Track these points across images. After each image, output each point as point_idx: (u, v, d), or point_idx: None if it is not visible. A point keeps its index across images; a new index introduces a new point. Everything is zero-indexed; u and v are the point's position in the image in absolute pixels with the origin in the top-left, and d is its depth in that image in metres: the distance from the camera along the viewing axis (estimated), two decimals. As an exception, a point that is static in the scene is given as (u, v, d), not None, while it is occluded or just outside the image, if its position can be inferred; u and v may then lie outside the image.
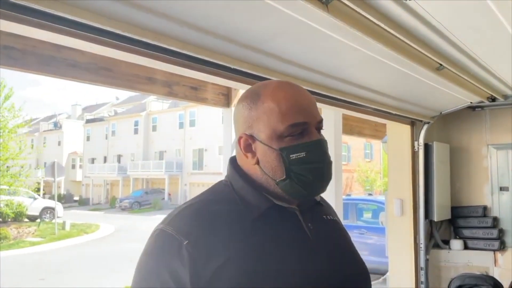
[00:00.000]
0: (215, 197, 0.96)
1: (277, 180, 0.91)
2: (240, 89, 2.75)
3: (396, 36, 1.70)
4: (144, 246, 0.91)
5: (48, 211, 20.29)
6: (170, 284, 0.83)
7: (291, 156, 0.89)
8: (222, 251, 0.84)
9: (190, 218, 0.90)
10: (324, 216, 1.03)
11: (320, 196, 1.05)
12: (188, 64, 1.62)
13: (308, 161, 0.90)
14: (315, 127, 0.93)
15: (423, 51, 1.90)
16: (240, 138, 0.95)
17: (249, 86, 1.02)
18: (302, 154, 0.89)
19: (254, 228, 0.89)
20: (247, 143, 0.94)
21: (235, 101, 3.69)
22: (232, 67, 1.70)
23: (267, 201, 0.92)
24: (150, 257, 0.88)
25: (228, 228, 0.88)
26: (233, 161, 1.00)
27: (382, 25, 1.58)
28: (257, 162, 0.93)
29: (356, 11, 1.46)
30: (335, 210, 1.14)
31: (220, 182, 1.00)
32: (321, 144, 0.92)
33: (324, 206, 1.06)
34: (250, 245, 0.86)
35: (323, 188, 0.93)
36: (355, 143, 28.01)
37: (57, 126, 42.12)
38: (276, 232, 0.90)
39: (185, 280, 0.83)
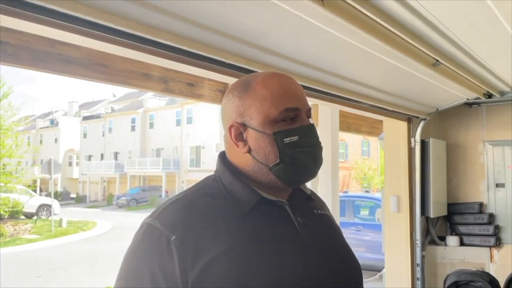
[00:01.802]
0: (203, 192, 0.94)
1: (270, 166, 0.91)
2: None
3: (392, 31, 1.70)
4: (131, 241, 0.90)
5: (45, 208, 20.24)
6: (160, 281, 0.82)
7: (284, 140, 0.90)
8: (210, 247, 0.83)
9: (178, 212, 0.88)
10: (315, 211, 1.02)
11: (310, 190, 1.04)
12: (183, 59, 1.61)
13: (301, 145, 0.91)
14: (306, 115, 0.95)
15: (419, 47, 1.89)
16: (231, 127, 0.94)
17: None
18: (295, 138, 0.91)
19: (243, 224, 0.88)
20: (238, 131, 0.94)
21: (231, 97, 3.67)
22: (227, 62, 1.69)
23: (255, 196, 0.91)
24: (138, 252, 0.87)
25: (217, 224, 0.87)
26: (222, 156, 1.00)
27: (378, 20, 1.57)
28: (249, 150, 0.93)
29: (352, 6, 1.45)
30: (332, 207, 1.13)
31: (209, 177, 0.99)
32: (313, 129, 0.94)
33: (315, 201, 1.05)
34: (238, 242, 0.85)
35: (314, 172, 0.94)
36: (352, 140, 28.05)
37: (53, 123, 41.97)
38: (265, 227, 0.89)
39: (176, 276, 0.81)
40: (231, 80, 1.93)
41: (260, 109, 0.92)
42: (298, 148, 0.91)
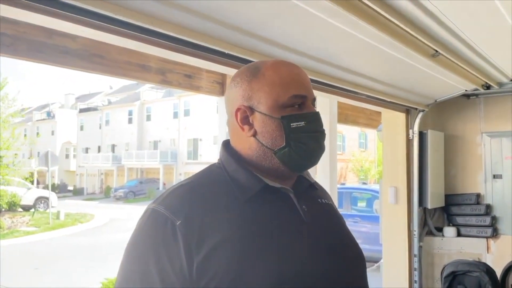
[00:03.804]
0: (207, 179, 0.95)
1: (276, 149, 0.92)
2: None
3: (392, 21, 1.68)
4: (135, 227, 0.90)
5: (42, 201, 20.24)
6: (166, 267, 0.82)
7: (291, 124, 0.92)
8: (214, 232, 0.83)
9: (182, 197, 0.89)
10: (319, 200, 1.03)
11: (314, 180, 1.05)
12: (182, 49, 1.60)
13: (307, 130, 0.93)
14: (311, 103, 0.98)
15: (419, 37, 1.88)
16: (237, 110, 0.95)
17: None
18: (302, 123, 0.93)
19: (246, 210, 0.88)
20: (244, 115, 0.95)
21: (229, 89, 3.66)
22: (226, 52, 1.68)
23: (259, 182, 0.92)
24: (143, 238, 0.87)
25: (220, 209, 0.87)
26: (226, 143, 1.00)
27: (378, 10, 1.56)
28: (254, 134, 0.94)
29: (352, -5, 1.44)
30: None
31: (213, 164, 1.00)
32: (319, 116, 0.97)
33: (318, 190, 1.06)
34: (242, 227, 0.85)
35: (317, 158, 0.96)
36: (350, 132, 28.10)
37: (50, 115, 41.79)
38: (269, 214, 0.90)
39: (182, 261, 0.82)
40: (230, 71, 1.92)
41: (269, 93, 0.93)
42: (304, 133, 0.93)
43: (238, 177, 0.93)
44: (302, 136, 0.92)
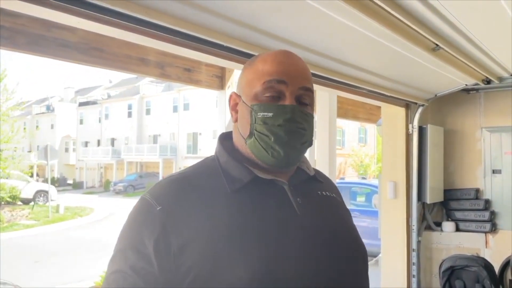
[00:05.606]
0: (199, 171, 0.95)
1: (245, 138, 0.92)
2: (234, 68, 2.72)
3: (393, 15, 1.67)
4: None
5: (42, 194, 20.27)
6: (140, 247, 0.83)
7: (258, 114, 0.89)
8: (194, 223, 0.83)
9: (167, 186, 0.91)
10: (319, 192, 0.99)
11: (318, 171, 1.03)
12: (181, 42, 1.59)
13: (272, 122, 0.88)
14: (296, 95, 0.90)
15: (419, 31, 1.87)
16: (230, 96, 0.98)
17: (242, 66, 1.01)
18: (269, 114, 0.88)
19: (232, 201, 0.87)
20: (234, 102, 0.97)
21: (229, 83, 3.64)
22: (225, 45, 1.67)
23: (249, 174, 0.90)
24: (128, 221, 0.90)
25: (205, 200, 0.86)
26: (221, 136, 1.01)
27: (379, 3, 1.55)
28: (236, 120, 0.96)
29: (352, -12, 1.43)
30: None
31: (208, 157, 0.99)
32: (293, 110, 0.89)
33: (323, 183, 1.02)
34: (224, 220, 0.84)
35: (286, 156, 0.88)
36: (350, 127, 28.08)
37: (49, 109, 41.69)
38: (257, 206, 0.87)
39: (160, 246, 0.82)
40: (229, 65, 1.91)
41: (250, 82, 0.93)
42: (267, 124, 0.88)
43: (229, 169, 0.91)
44: (265, 127, 0.88)
